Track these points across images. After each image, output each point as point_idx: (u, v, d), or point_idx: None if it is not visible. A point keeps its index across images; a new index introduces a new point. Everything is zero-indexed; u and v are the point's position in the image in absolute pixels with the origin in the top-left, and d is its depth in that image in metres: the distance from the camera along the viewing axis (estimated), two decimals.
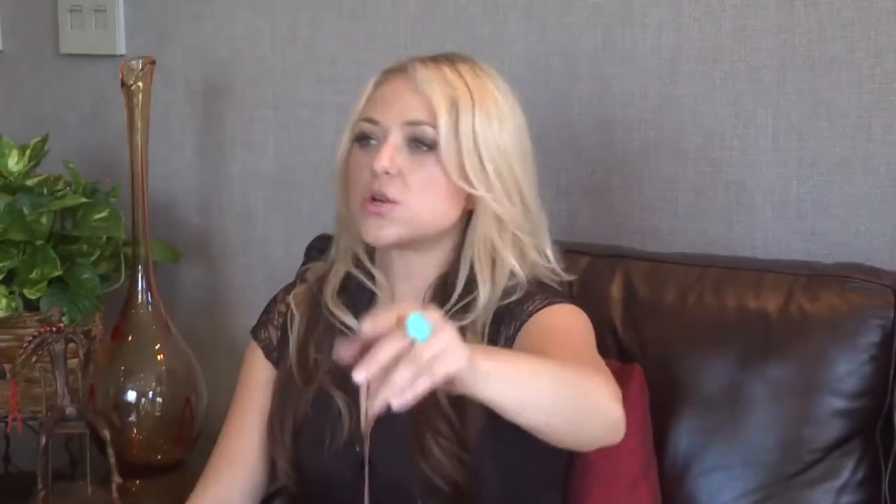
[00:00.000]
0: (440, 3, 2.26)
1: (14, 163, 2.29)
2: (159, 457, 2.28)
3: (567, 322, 1.65)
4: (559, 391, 1.40)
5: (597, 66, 2.14)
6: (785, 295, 1.80)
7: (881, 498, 1.78)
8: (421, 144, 1.65)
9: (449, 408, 1.62)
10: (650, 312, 1.87)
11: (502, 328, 1.66)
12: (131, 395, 2.25)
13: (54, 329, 2.03)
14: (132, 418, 2.25)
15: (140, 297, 2.28)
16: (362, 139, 1.68)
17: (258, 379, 1.81)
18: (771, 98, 2.02)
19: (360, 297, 1.75)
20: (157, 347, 2.27)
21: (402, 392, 1.23)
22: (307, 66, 2.40)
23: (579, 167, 2.17)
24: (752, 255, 2.00)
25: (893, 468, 1.78)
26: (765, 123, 2.03)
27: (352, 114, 1.71)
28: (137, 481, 2.21)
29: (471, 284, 1.67)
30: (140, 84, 2.23)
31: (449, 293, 1.68)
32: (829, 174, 2.00)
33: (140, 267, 2.27)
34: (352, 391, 1.70)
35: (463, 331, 1.62)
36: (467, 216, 1.69)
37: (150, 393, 2.25)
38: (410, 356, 1.24)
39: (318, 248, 2.06)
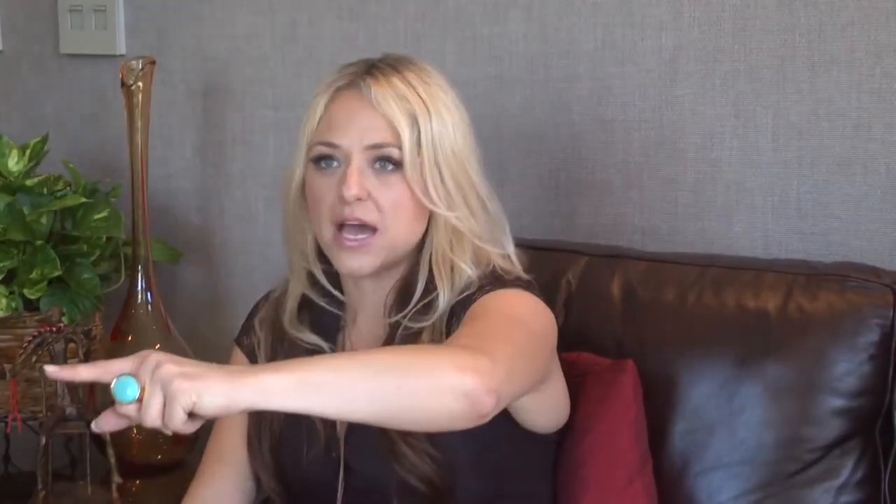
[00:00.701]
0: (440, 3, 2.27)
1: (14, 163, 2.29)
2: (159, 457, 2.28)
3: (499, 303, 1.62)
4: (374, 380, 1.35)
5: (597, 66, 2.14)
6: (784, 294, 1.80)
7: (881, 497, 1.78)
8: (387, 163, 1.64)
9: None
10: (650, 312, 1.86)
11: (454, 320, 1.65)
12: None
13: (54, 329, 2.03)
14: None
15: (140, 297, 2.28)
16: (320, 161, 1.67)
17: None
18: (771, 98, 2.02)
19: (324, 314, 1.75)
20: (157, 347, 2.27)
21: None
22: (307, 66, 2.40)
23: (579, 167, 2.17)
24: (752, 254, 2.00)
25: (893, 467, 1.78)
26: (765, 123, 2.03)
27: (303, 132, 1.69)
28: (137, 481, 2.21)
29: (429, 287, 1.67)
30: (140, 84, 2.23)
31: (409, 295, 1.68)
32: (829, 174, 2.00)
33: (140, 267, 2.27)
34: None
35: (421, 331, 1.64)
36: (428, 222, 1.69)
37: None
38: (139, 421, 1.30)
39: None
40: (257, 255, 2.49)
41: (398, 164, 1.64)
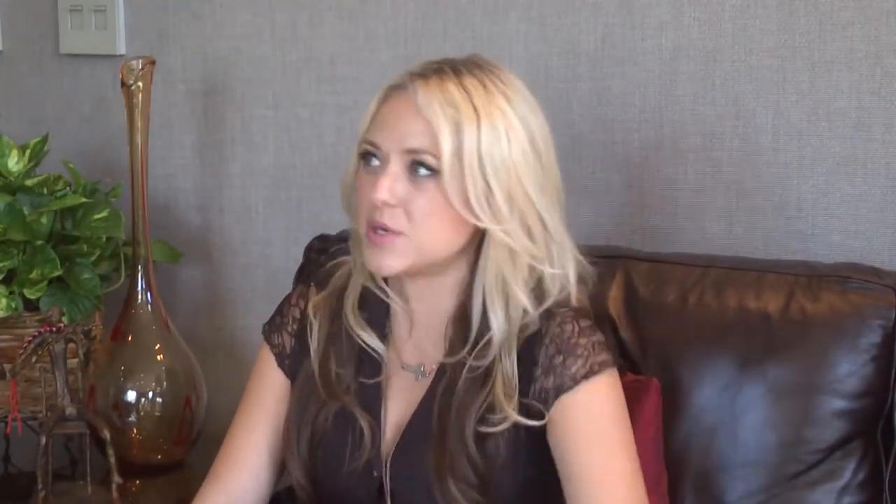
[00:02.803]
0: (440, 3, 2.27)
1: (14, 163, 2.29)
2: (159, 457, 2.28)
3: (604, 411, 1.61)
4: None
5: (597, 66, 2.15)
6: (785, 295, 1.80)
7: (882, 498, 1.78)
8: (421, 168, 1.58)
9: (476, 453, 1.59)
10: (651, 313, 1.86)
11: (527, 366, 1.62)
12: (131, 395, 2.24)
13: (54, 329, 2.03)
14: (132, 418, 2.24)
15: (140, 297, 2.27)
16: (366, 157, 1.63)
17: (268, 386, 1.77)
18: (771, 98, 2.02)
19: (377, 312, 1.71)
20: (157, 347, 2.27)
21: None
22: (307, 66, 2.40)
23: (579, 167, 2.17)
24: (752, 255, 2.00)
25: (894, 469, 1.78)
26: (765, 123, 2.03)
27: (359, 128, 1.66)
28: (137, 481, 2.20)
29: (486, 318, 1.63)
30: (140, 84, 2.23)
31: (468, 326, 1.64)
32: (829, 174, 2.00)
33: (140, 267, 2.27)
34: (376, 413, 1.68)
35: (490, 370, 1.61)
36: (481, 235, 1.63)
37: (150, 393, 2.25)
38: None
39: (318, 247, 2.06)
40: (257, 254, 2.49)
41: (434, 171, 1.58)
